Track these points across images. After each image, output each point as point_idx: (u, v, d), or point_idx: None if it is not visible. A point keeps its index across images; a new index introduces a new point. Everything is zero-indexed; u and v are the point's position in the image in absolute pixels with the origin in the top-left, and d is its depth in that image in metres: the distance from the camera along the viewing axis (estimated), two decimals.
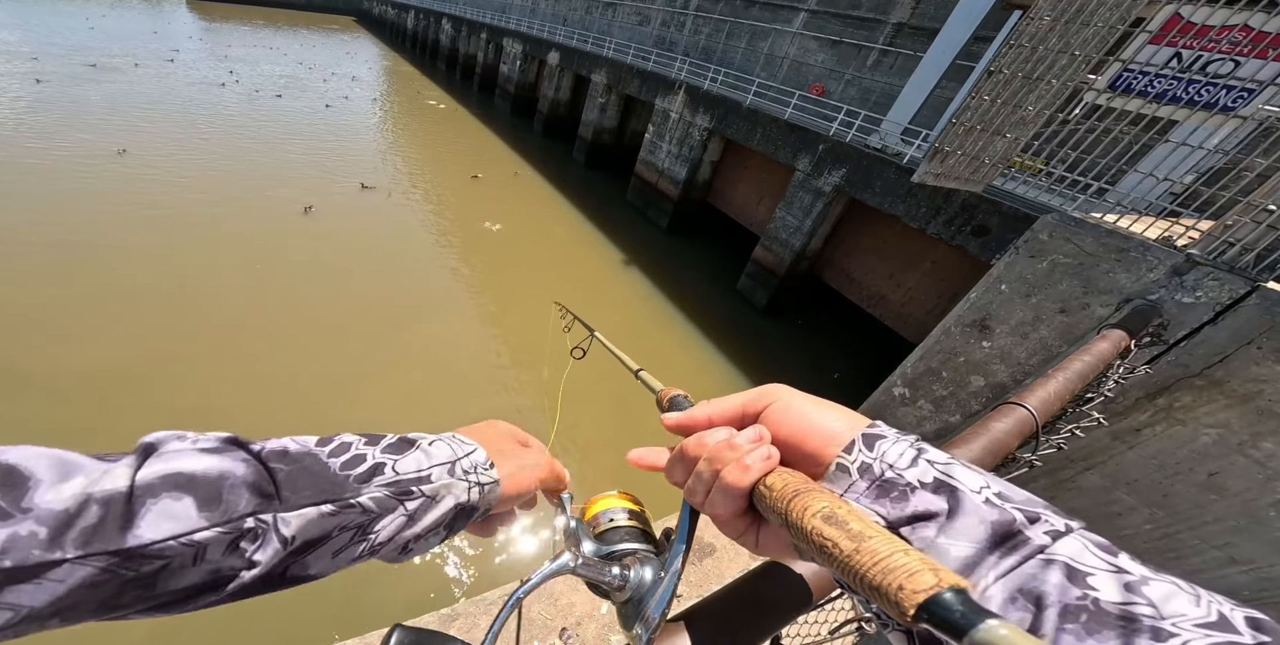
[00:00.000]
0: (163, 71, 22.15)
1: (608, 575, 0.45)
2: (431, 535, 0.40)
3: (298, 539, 0.31)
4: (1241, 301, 2.09)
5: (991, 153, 2.84)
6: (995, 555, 0.28)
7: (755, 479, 0.35)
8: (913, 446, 0.33)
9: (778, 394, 0.39)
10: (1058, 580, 0.26)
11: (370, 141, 18.18)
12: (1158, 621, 0.23)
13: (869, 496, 0.32)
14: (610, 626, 2.86)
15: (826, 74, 13.50)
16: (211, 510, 0.28)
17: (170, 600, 0.28)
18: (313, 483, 0.32)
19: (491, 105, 26.85)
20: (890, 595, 0.24)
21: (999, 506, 0.30)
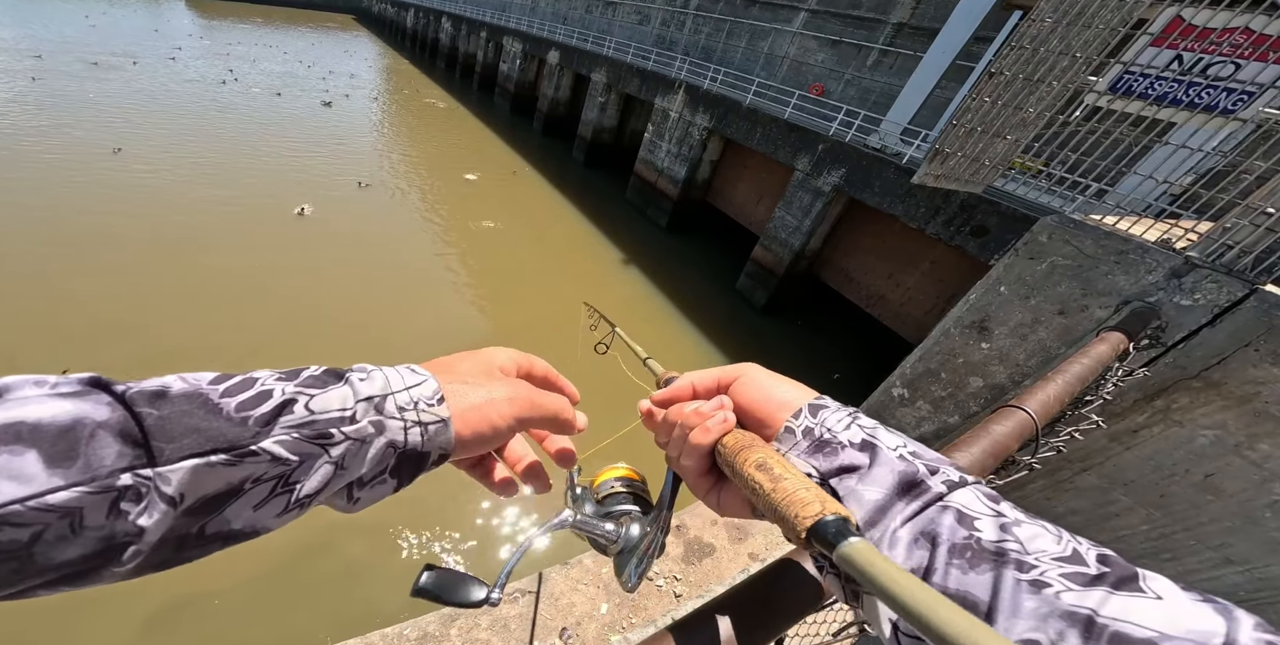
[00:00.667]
0: (164, 70, 22.08)
1: (602, 530, 0.51)
2: (376, 484, 0.35)
3: (188, 497, 0.26)
4: (1240, 304, 2.11)
5: (992, 154, 2.84)
6: (903, 502, 0.33)
7: (715, 438, 0.41)
8: (850, 415, 0.40)
9: (746, 370, 0.46)
10: (950, 523, 0.31)
11: (369, 140, 18.16)
12: (1023, 556, 0.28)
13: (807, 452, 0.38)
14: (610, 626, 2.87)
15: (826, 74, 13.50)
16: (65, 466, 0.22)
17: (65, 575, 0.23)
18: (194, 428, 0.26)
19: (491, 104, 26.81)
20: (789, 521, 0.30)
21: (909, 461, 0.35)
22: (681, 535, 3.42)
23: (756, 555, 3.42)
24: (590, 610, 2.91)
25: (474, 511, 5.58)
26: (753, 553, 3.44)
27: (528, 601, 2.90)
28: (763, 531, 3.57)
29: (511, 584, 2.95)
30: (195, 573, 4.47)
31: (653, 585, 3.11)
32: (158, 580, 3.24)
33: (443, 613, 2.77)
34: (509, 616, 2.81)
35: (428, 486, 5.24)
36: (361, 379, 0.34)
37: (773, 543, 3.52)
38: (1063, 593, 0.26)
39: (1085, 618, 0.25)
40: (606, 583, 3.05)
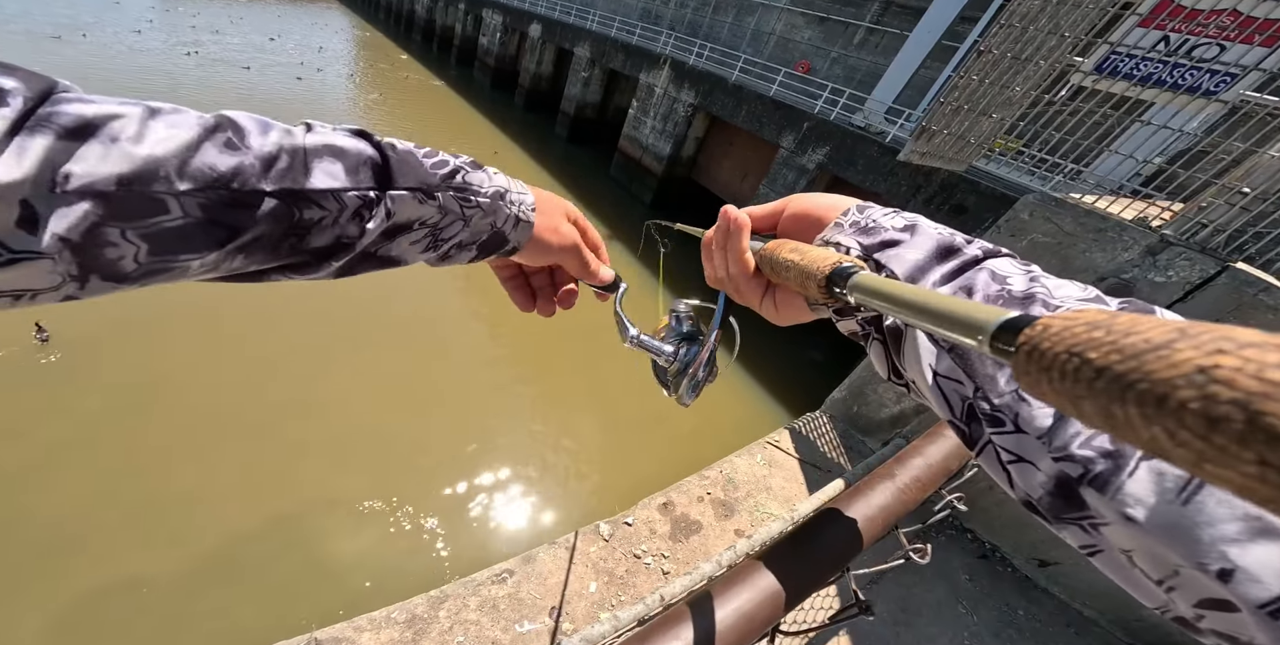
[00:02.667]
0: (129, 43, 20.83)
1: (662, 350, 0.56)
2: (470, 247, 0.47)
3: (394, 215, 0.38)
4: (1211, 281, 2.16)
5: (977, 133, 2.84)
6: (940, 263, 0.36)
7: (746, 224, 0.45)
8: (894, 211, 0.42)
9: (798, 195, 0.49)
10: (985, 279, 0.34)
11: (344, 116, 17.52)
12: (1049, 298, 0.31)
13: (853, 234, 0.41)
14: (600, 604, 2.92)
15: (813, 51, 13.32)
16: (353, 177, 0.35)
17: (306, 259, 0.36)
18: (411, 171, 0.39)
19: (470, 79, 25.98)
20: (812, 273, 0.34)
21: (945, 234, 0.38)
22: (668, 513, 3.47)
23: (742, 532, 3.50)
24: (579, 589, 2.95)
25: (453, 494, 5.60)
26: (739, 529, 3.51)
27: (515, 582, 2.93)
28: (748, 509, 3.65)
29: (498, 565, 2.98)
30: (176, 563, 4.44)
31: (640, 563, 3.16)
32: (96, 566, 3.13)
33: (430, 594, 2.78)
34: (497, 597, 2.84)
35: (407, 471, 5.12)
36: (494, 172, 0.47)
37: (758, 519, 3.60)
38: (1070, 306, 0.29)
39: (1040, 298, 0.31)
40: (595, 562, 3.09)
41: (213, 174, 0.28)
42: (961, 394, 0.32)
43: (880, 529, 0.66)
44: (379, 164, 0.37)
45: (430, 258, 0.45)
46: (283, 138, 0.32)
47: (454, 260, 0.47)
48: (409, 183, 0.39)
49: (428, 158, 0.41)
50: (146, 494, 4.90)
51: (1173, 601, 0.23)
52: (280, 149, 0.32)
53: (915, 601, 3.19)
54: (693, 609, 0.52)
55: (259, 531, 4.80)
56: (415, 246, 0.42)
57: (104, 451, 5.16)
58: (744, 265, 0.45)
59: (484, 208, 0.45)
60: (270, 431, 5.70)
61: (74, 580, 4.22)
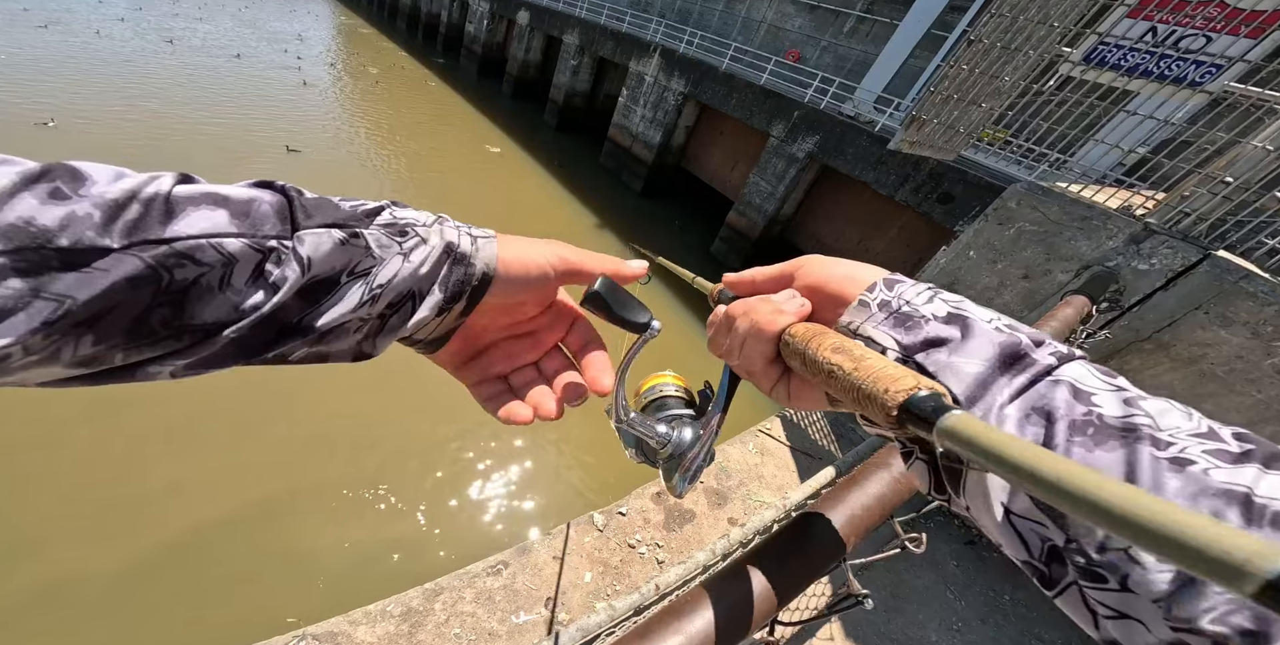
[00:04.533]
0: (110, 32, 20.09)
1: (654, 433, 0.49)
2: (429, 293, 0.37)
3: (313, 264, 0.31)
4: (1193, 268, 2.20)
5: (966, 122, 2.84)
6: (1006, 376, 0.30)
7: (787, 323, 0.38)
8: (929, 289, 0.36)
9: (809, 258, 0.44)
10: (1065, 398, 0.28)
11: (328, 106, 17.16)
12: (1156, 432, 0.25)
13: (886, 325, 0.35)
14: (595, 594, 2.95)
15: (803, 40, 13.23)
16: (241, 222, 0.28)
17: (193, 339, 0.28)
18: (324, 210, 0.33)
19: (457, 67, 25.54)
20: (878, 398, 0.27)
21: (1008, 333, 0.32)
22: (662, 502, 3.50)
23: (736, 520, 3.54)
24: (574, 579, 2.98)
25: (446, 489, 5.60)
26: (732, 518, 3.55)
27: (510, 573, 2.94)
28: (740, 497, 3.69)
29: (493, 556, 2.99)
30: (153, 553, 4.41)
31: (635, 552, 3.19)
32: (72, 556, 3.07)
33: (425, 587, 2.79)
34: (493, 589, 2.85)
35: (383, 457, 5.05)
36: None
37: (750, 508, 3.64)
38: (1211, 470, 0.23)
39: (1242, 496, 0.22)
40: (590, 552, 3.12)
41: (29, 229, 0.22)
42: (1043, 537, 0.27)
43: (877, 519, 0.67)
44: (283, 208, 0.31)
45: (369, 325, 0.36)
46: (139, 184, 0.26)
47: (413, 319, 0.37)
48: (320, 220, 0.32)
49: (345, 201, 0.35)
50: (119, 489, 4.82)
51: None
52: (131, 196, 0.25)
53: (905, 588, 3.25)
54: (688, 607, 0.52)
55: (243, 527, 4.76)
56: (346, 303, 0.33)
57: (72, 447, 5.08)
58: (766, 353, 0.39)
59: (424, 236, 0.37)
60: (251, 426, 5.64)
61: (33, 577, 4.16)
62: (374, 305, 0.34)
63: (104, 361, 0.26)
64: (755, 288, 0.46)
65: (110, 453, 5.08)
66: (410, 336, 0.40)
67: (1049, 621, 3.23)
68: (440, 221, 0.39)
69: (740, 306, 0.42)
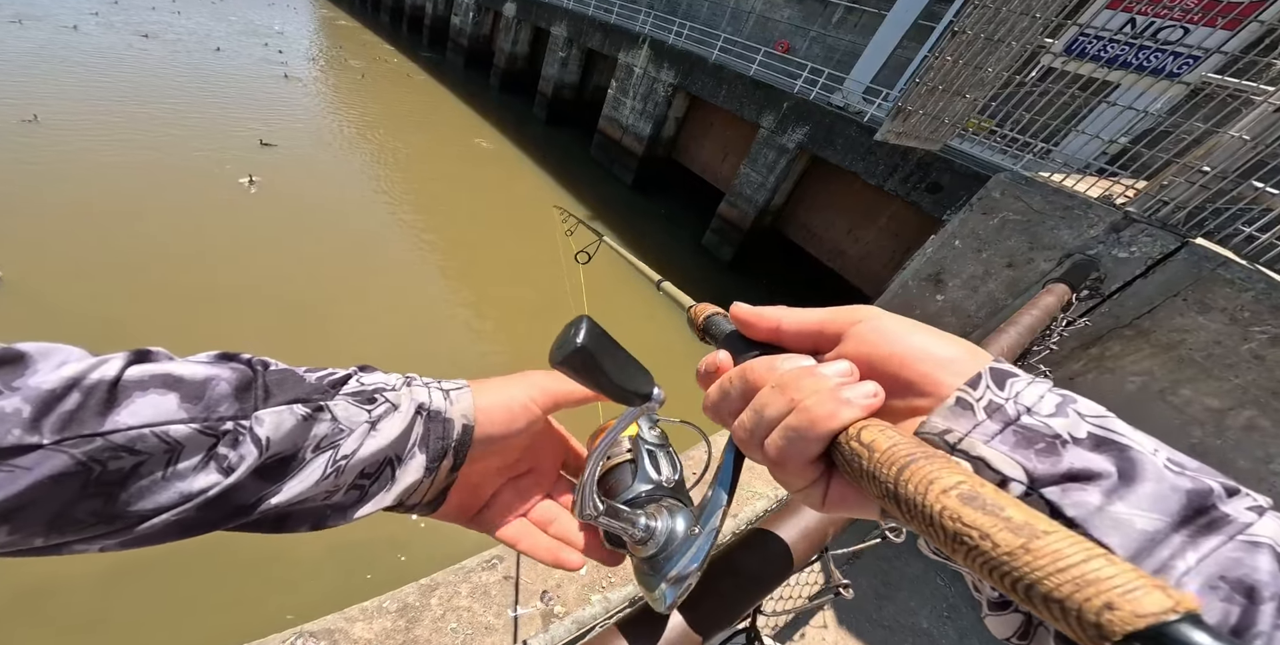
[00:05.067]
0: (87, 27, 19.62)
1: (632, 527, 0.37)
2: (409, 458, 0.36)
3: (272, 443, 0.29)
4: (1171, 256, 2.23)
5: (951, 112, 2.86)
6: (1184, 533, 0.22)
7: (849, 420, 0.27)
8: (1053, 392, 0.26)
9: (870, 312, 0.32)
10: (1270, 567, 0.20)
11: (311, 100, 16.90)
12: None
13: (1004, 443, 0.25)
14: (590, 586, 2.97)
15: (792, 30, 13.17)
16: (193, 405, 0.27)
17: (126, 522, 0.26)
18: (288, 385, 0.31)
19: (443, 60, 25.21)
20: (1086, 616, 0.18)
21: (1184, 474, 0.23)
22: None
23: (730, 511, 3.57)
24: (570, 573, 3.00)
25: None
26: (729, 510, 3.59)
27: (506, 567, 2.96)
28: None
29: (487, 551, 3.01)
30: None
31: None
32: None
33: (421, 583, 2.80)
34: (489, 583, 2.87)
35: None
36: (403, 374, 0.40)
37: (743, 498, 3.67)
38: None
39: None
40: None
41: None
42: None
43: (813, 552, 0.65)
44: (243, 386, 0.29)
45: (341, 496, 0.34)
46: (84, 371, 0.25)
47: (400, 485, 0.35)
48: (282, 397, 0.30)
49: (311, 372, 0.33)
50: None
51: None
52: (71, 385, 0.24)
53: (895, 576, 3.29)
54: None
55: None
56: (309, 481, 0.31)
57: None
58: (807, 454, 0.28)
59: (394, 401, 0.35)
60: None
61: (17, 581, 4.12)
62: (340, 477, 0.32)
63: (21, 545, 0.24)
64: (779, 335, 0.35)
65: None
66: (404, 503, 0.38)
67: None
68: (409, 383, 0.37)
69: (769, 373, 0.31)
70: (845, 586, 0.96)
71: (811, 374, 0.29)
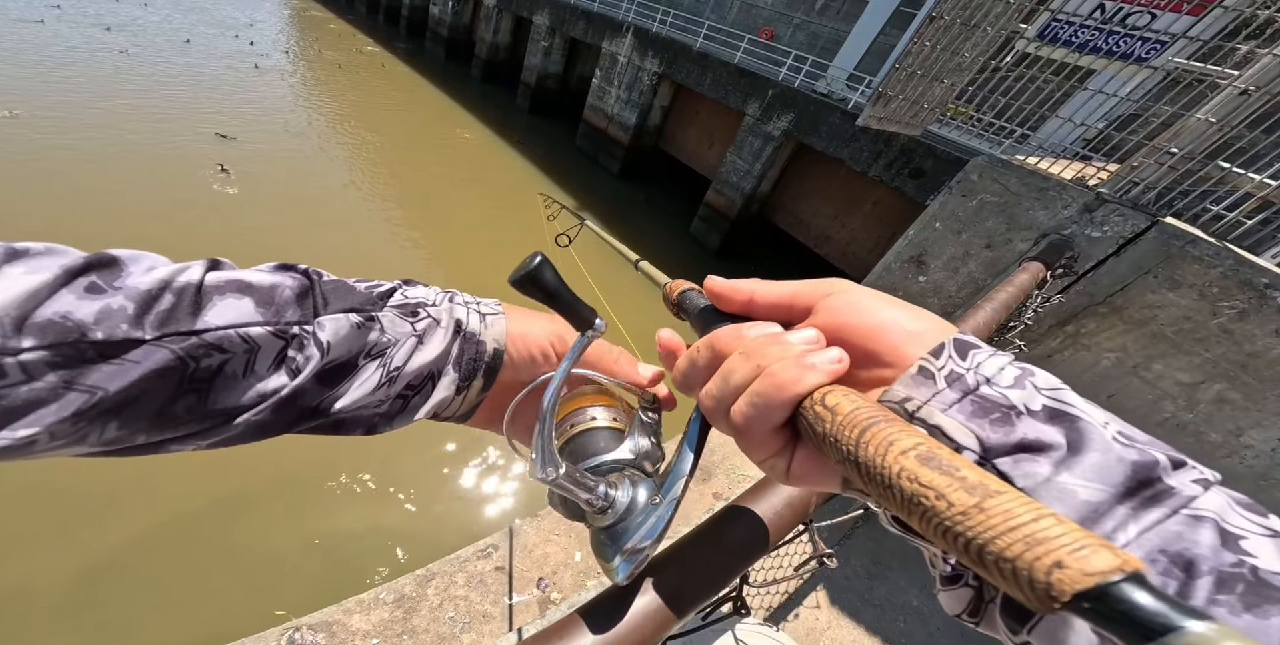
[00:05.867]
0: (50, 19, 18.92)
1: (591, 493, 0.35)
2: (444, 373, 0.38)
3: (331, 348, 0.32)
4: (1142, 235, 2.30)
5: (930, 98, 2.89)
6: (1128, 505, 0.22)
7: (813, 385, 0.27)
8: (1013, 364, 0.26)
9: (841, 285, 0.32)
10: (1211, 542, 0.21)
11: (286, 93, 16.52)
12: None
13: (961, 412, 0.25)
14: (586, 573, 3.01)
15: (776, 17, 13.10)
16: (265, 309, 0.30)
17: (214, 422, 0.29)
18: (344, 295, 0.34)
19: (422, 50, 24.73)
20: (1035, 575, 0.18)
21: (1131, 445, 0.23)
22: None
23: (720, 495, 3.61)
24: (565, 559, 3.02)
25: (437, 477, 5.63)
26: (717, 492, 3.63)
27: (501, 556, 2.99)
28: (725, 472, 3.77)
29: (482, 540, 3.04)
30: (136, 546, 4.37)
31: None
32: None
33: (416, 573, 2.82)
34: (484, 572, 2.89)
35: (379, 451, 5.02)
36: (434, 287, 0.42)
37: (735, 481, 3.73)
38: None
39: None
40: (578, 531, 3.16)
41: (66, 324, 0.23)
42: None
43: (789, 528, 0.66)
44: (303, 293, 0.32)
45: (388, 405, 0.37)
46: (172, 274, 0.27)
47: (434, 398, 0.38)
48: (339, 305, 0.33)
49: (360, 282, 0.36)
50: (85, 486, 4.73)
51: None
52: (164, 286, 0.26)
53: (886, 555, 3.36)
54: (658, 564, 0.45)
55: (221, 519, 4.72)
56: (365, 386, 0.34)
57: None
58: (771, 422, 0.28)
59: (435, 316, 0.38)
60: None
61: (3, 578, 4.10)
62: (392, 386, 0.36)
63: (126, 442, 0.27)
64: (752, 308, 0.34)
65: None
66: (438, 415, 0.41)
67: None
68: (450, 298, 0.40)
69: (736, 341, 0.31)
70: (829, 556, 0.99)
71: (778, 341, 0.29)
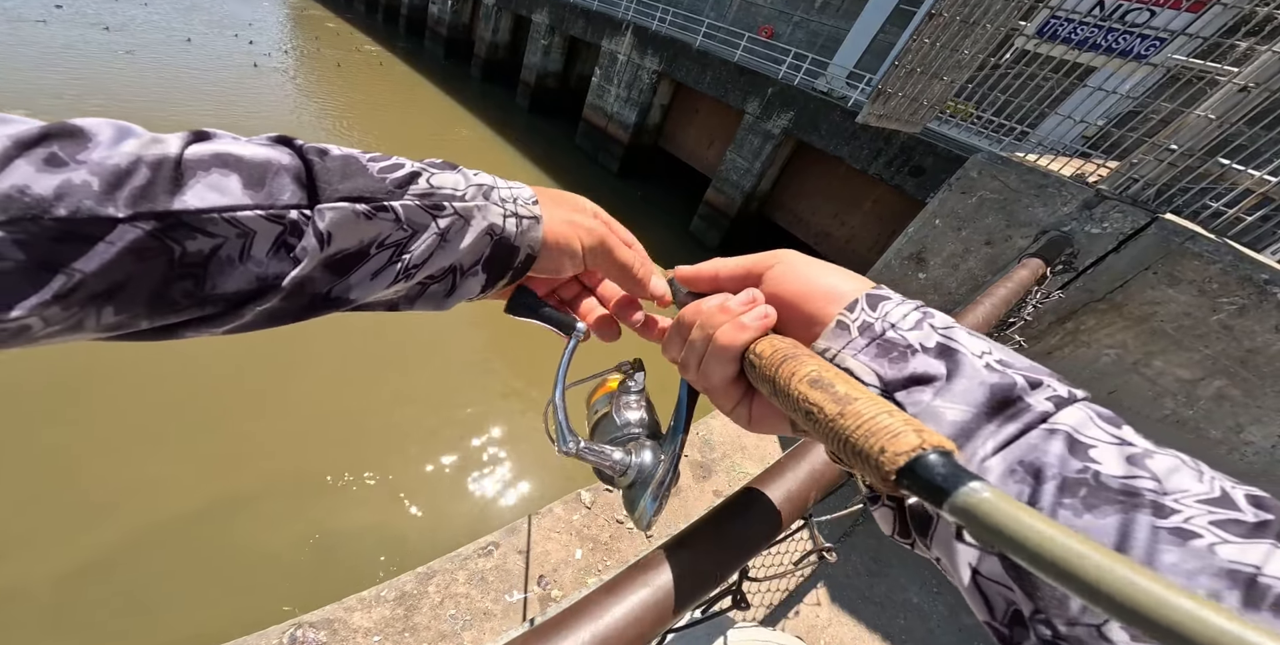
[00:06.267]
0: (53, 19, 18.91)
1: (610, 460, 0.44)
2: (470, 275, 0.38)
3: (333, 239, 0.30)
4: (1142, 231, 2.30)
5: (930, 95, 2.89)
6: (994, 423, 0.26)
7: (750, 339, 0.33)
8: (918, 310, 0.31)
9: (782, 256, 0.37)
10: (1059, 451, 0.24)
11: (284, 91, 16.51)
12: (1160, 497, 0.22)
13: (867, 354, 0.30)
14: (587, 570, 3.02)
15: (775, 16, 13.08)
16: (256, 191, 0.27)
17: (219, 308, 0.28)
18: (349, 179, 0.31)
19: (421, 49, 24.71)
20: (872, 458, 0.22)
21: (1000, 371, 0.27)
22: None
23: (720, 492, 3.63)
24: (565, 557, 3.03)
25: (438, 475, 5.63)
26: (717, 490, 3.64)
27: (501, 554, 2.99)
28: (725, 469, 3.78)
29: (483, 538, 3.04)
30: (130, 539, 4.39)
31: (623, 528, 3.27)
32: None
33: (417, 571, 2.83)
34: (485, 569, 2.90)
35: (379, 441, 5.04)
36: (474, 173, 0.39)
37: (735, 479, 3.74)
38: (1217, 545, 0.20)
39: (1248, 577, 0.19)
40: (579, 530, 3.18)
41: (24, 199, 0.21)
42: (1009, 600, 0.25)
43: (839, 475, 0.68)
44: (299, 171, 0.29)
45: (406, 291, 0.36)
46: (144, 147, 0.24)
47: (457, 293, 0.38)
48: (342, 192, 0.30)
49: (375, 162, 0.33)
50: (91, 481, 4.75)
51: None
52: (136, 161, 0.24)
53: (886, 553, 3.37)
54: (657, 557, 0.48)
55: (222, 518, 4.72)
56: (380, 280, 0.33)
57: (42, 436, 4.98)
58: (726, 374, 0.35)
59: (464, 214, 0.36)
60: (229, 417, 5.56)
61: (12, 573, 4.11)
62: (408, 281, 0.35)
63: (130, 326, 0.26)
64: (716, 284, 0.40)
65: (86, 445, 4.99)
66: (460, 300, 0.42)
67: None
68: (484, 193, 0.37)
69: (695, 314, 0.37)
70: (829, 550, 0.99)
71: (723, 308, 0.35)
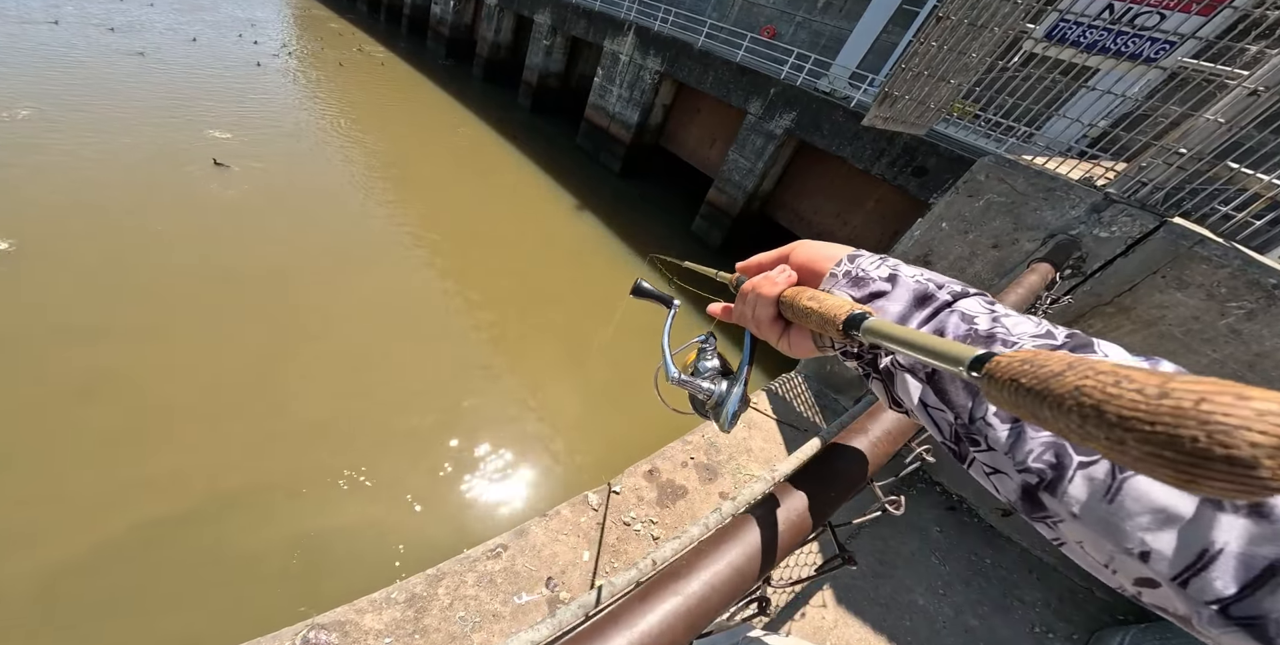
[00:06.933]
0: (61, 20, 18.97)
1: (702, 389, 0.63)
2: None
3: None
4: (1150, 235, 2.29)
5: (936, 97, 2.89)
6: (919, 311, 0.43)
7: (781, 288, 0.51)
8: (880, 259, 0.48)
9: (800, 242, 0.56)
10: (955, 321, 0.40)
11: (288, 90, 16.52)
12: (1008, 336, 0.36)
13: (845, 287, 0.48)
14: (595, 572, 3.03)
15: (778, 16, 13.05)
16: None
17: None
18: None
19: (423, 49, 24.71)
20: (830, 319, 0.41)
21: (923, 283, 0.44)
22: (654, 479, 3.59)
23: (727, 494, 3.64)
24: (573, 559, 3.04)
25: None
26: (723, 492, 3.65)
27: (510, 556, 3.00)
28: (730, 471, 3.79)
29: (491, 540, 3.05)
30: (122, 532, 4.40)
31: (630, 529, 3.28)
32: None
33: (427, 573, 2.84)
34: (493, 571, 2.91)
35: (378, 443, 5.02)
36: None
37: (740, 481, 3.75)
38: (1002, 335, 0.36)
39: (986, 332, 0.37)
40: (586, 531, 3.18)
41: None
42: (946, 420, 0.38)
43: (885, 458, 0.74)
44: None
45: None
46: None
47: None
48: None
49: None
50: (96, 476, 4.78)
51: (1121, 583, 0.28)
52: None
53: (892, 554, 3.37)
54: (686, 565, 0.57)
55: (223, 517, 4.73)
56: None
57: (49, 431, 5.00)
58: (771, 314, 0.52)
59: None
60: (232, 417, 5.57)
61: (29, 569, 4.13)
62: None
63: None
64: (761, 268, 0.58)
65: (85, 438, 5.01)
66: None
67: (1029, 583, 3.38)
68: None
69: (749, 284, 0.55)
70: (850, 557, 1.00)
71: (765, 278, 0.53)
